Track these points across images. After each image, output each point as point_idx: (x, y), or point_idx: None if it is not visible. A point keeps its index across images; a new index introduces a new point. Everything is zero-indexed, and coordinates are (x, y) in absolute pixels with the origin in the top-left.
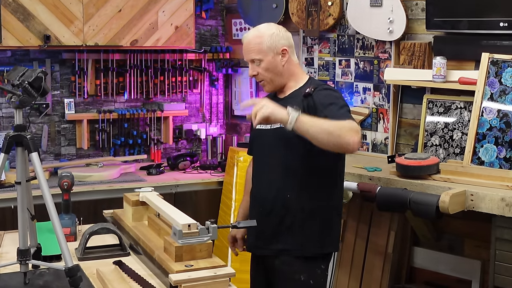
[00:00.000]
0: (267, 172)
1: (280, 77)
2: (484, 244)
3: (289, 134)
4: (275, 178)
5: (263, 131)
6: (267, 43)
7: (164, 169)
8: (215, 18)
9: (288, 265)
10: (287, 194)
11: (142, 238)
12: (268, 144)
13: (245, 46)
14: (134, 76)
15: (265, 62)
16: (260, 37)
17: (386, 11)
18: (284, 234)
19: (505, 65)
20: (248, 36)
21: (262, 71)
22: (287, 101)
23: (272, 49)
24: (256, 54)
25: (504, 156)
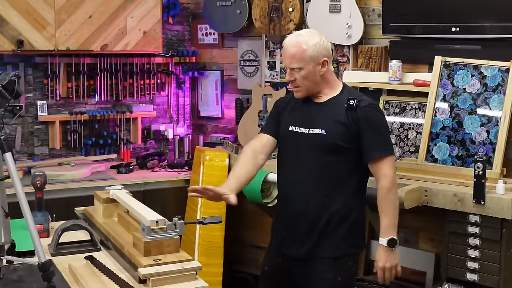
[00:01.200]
0: (303, 174)
1: (316, 85)
2: (437, 237)
3: (327, 140)
4: (311, 182)
5: (300, 134)
6: (310, 53)
7: (133, 168)
8: (182, 24)
9: (318, 265)
10: (323, 198)
11: (112, 234)
12: (305, 147)
13: (287, 52)
14: (104, 79)
15: (305, 70)
16: (304, 45)
17: (344, 17)
18: (317, 237)
19: (457, 67)
20: (291, 41)
21: (300, 78)
22: (326, 106)
23: (314, 59)
24: (297, 62)
25: (456, 154)
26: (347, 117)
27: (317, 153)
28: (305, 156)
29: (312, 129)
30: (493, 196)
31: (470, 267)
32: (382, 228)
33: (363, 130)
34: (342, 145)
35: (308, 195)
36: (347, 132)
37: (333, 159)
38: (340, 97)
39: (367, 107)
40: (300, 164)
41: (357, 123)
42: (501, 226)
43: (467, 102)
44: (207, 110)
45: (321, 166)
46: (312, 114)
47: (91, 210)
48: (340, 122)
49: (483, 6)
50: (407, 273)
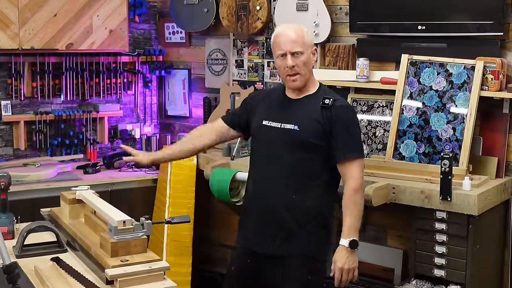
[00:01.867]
0: (273, 170)
1: (310, 74)
2: (405, 234)
3: (299, 136)
4: (281, 178)
5: (272, 128)
6: (307, 39)
7: (100, 168)
8: (148, 22)
9: (288, 263)
10: (293, 195)
11: (78, 235)
12: (276, 141)
13: (287, 37)
14: (70, 78)
15: (305, 55)
16: (302, 31)
17: (311, 15)
18: (287, 235)
19: (423, 65)
20: (288, 27)
21: (301, 64)
22: (303, 103)
23: (310, 46)
24: (299, 46)
25: (423, 151)
26: (322, 116)
27: (288, 149)
28: (276, 151)
29: (285, 124)
30: (460, 193)
31: (437, 263)
32: (345, 229)
33: (336, 130)
34: (314, 143)
35: (279, 191)
36: (320, 130)
37: (304, 156)
38: (317, 95)
39: (343, 107)
40: (271, 160)
41: (331, 122)
42: (468, 222)
43: (434, 100)
44: (174, 109)
45: (292, 162)
46: (287, 109)
47: (57, 211)
48: (315, 120)
49: (449, 4)
50: (376, 270)
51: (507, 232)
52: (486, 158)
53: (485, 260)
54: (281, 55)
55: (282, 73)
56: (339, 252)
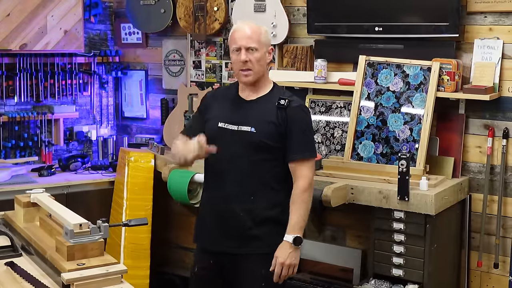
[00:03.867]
0: (231, 172)
1: (262, 73)
2: (364, 234)
3: (255, 138)
4: (239, 179)
5: (229, 131)
6: (264, 37)
7: (56, 170)
8: (104, 23)
9: (249, 262)
10: (251, 196)
11: (33, 239)
12: (233, 143)
13: (243, 33)
14: (24, 79)
15: (260, 53)
16: (259, 29)
17: (269, 16)
18: (246, 235)
19: (380, 66)
20: (246, 24)
21: (255, 60)
22: (258, 104)
23: (266, 45)
24: (254, 42)
25: (381, 151)
26: (277, 116)
27: (245, 151)
28: (233, 153)
29: (241, 126)
30: (417, 193)
31: (395, 262)
32: (290, 225)
33: (290, 130)
34: (269, 144)
35: (236, 192)
36: (275, 131)
37: (261, 157)
38: (271, 95)
39: (298, 108)
40: (229, 162)
41: (286, 123)
42: (425, 221)
43: (391, 101)
44: (131, 110)
45: (249, 164)
46: (242, 111)
47: (11, 214)
48: (270, 121)
49: (406, 6)
50: (335, 270)
51: (463, 233)
52: (442, 158)
53: (443, 259)
54: (236, 49)
55: (236, 68)
56: (282, 247)
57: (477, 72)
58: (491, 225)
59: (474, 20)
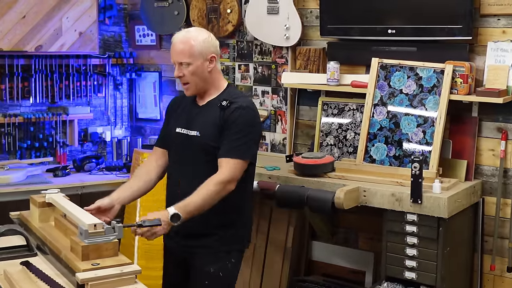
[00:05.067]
0: (182, 173)
1: (204, 82)
2: (376, 236)
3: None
4: (189, 181)
5: (182, 135)
6: (198, 48)
7: (70, 171)
8: (119, 25)
9: (199, 259)
10: None
11: (49, 239)
12: (184, 147)
13: (176, 47)
14: (39, 80)
15: (194, 66)
16: (193, 41)
17: (282, 19)
18: (197, 232)
19: (393, 69)
20: (179, 37)
21: (189, 74)
22: (205, 109)
23: (203, 55)
24: (186, 57)
25: (393, 154)
26: (219, 118)
27: (194, 154)
28: (184, 156)
29: (190, 131)
30: (430, 196)
31: (408, 265)
32: (182, 202)
33: (225, 129)
34: (214, 146)
35: (186, 194)
36: (217, 133)
37: (207, 159)
38: (218, 98)
39: (237, 109)
40: (181, 164)
41: (223, 122)
42: (438, 224)
43: (404, 103)
44: (145, 112)
45: (197, 167)
46: (192, 116)
47: (26, 214)
48: (213, 124)
49: (419, 8)
50: (347, 272)
51: (476, 236)
52: (455, 161)
53: (455, 262)
54: (174, 63)
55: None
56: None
57: (490, 75)
58: (504, 228)
59: (488, 22)
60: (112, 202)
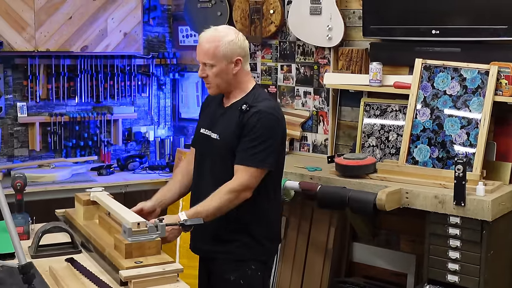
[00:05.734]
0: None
1: (227, 84)
2: (418, 239)
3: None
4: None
5: (206, 137)
6: (223, 50)
7: (114, 169)
8: (162, 25)
9: (219, 266)
10: None
11: (93, 236)
12: (207, 149)
13: (201, 47)
14: (85, 80)
15: (217, 68)
16: (218, 42)
17: (325, 19)
18: (220, 240)
19: (437, 70)
20: (206, 36)
21: (212, 75)
22: (228, 111)
23: (227, 58)
24: (210, 58)
25: (436, 156)
26: (238, 122)
27: (215, 157)
28: (207, 159)
29: (211, 132)
30: (474, 198)
31: (450, 268)
32: (194, 208)
33: (243, 134)
34: (232, 151)
35: (204, 196)
36: (235, 138)
37: (228, 163)
38: (241, 101)
39: (256, 113)
40: (204, 166)
41: (241, 127)
42: (481, 227)
43: (447, 104)
44: (188, 111)
45: (218, 170)
46: (216, 117)
47: (71, 212)
48: (232, 128)
49: (463, 8)
50: (389, 275)
51: None
52: (500, 163)
53: (499, 266)
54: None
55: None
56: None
57: None
58: None
59: None
60: (154, 206)
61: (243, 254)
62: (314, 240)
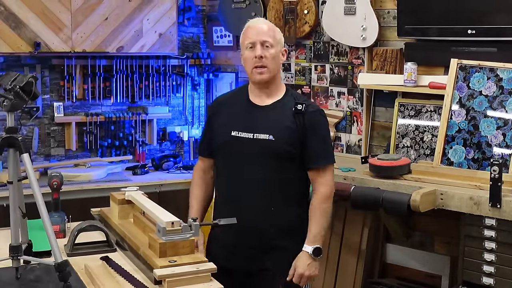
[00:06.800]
0: (248, 182)
1: (277, 72)
2: (453, 240)
3: (274, 145)
4: (258, 190)
5: (244, 139)
6: (279, 36)
7: (149, 169)
8: (197, 26)
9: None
10: (271, 207)
11: (128, 235)
12: (249, 152)
13: (259, 28)
14: (120, 80)
15: (274, 50)
16: (274, 27)
17: (359, 19)
18: (266, 249)
19: (473, 70)
20: (260, 20)
21: (270, 57)
22: (273, 110)
23: (280, 44)
24: (270, 38)
25: (472, 157)
26: (295, 122)
27: (263, 159)
28: (249, 163)
29: (258, 134)
30: (510, 200)
31: (486, 271)
32: (310, 235)
33: (309, 136)
34: (290, 151)
35: (256, 203)
36: (295, 137)
37: (280, 165)
38: (285, 100)
39: (315, 113)
40: (245, 172)
41: (304, 128)
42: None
43: (483, 105)
44: None
45: (268, 173)
46: (257, 118)
47: (106, 211)
48: (288, 127)
49: (500, 8)
50: (422, 276)
51: None
52: None
53: None
54: (250, 45)
55: (249, 66)
56: (301, 258)
57: None
58: None
59: None
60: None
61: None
62: (347, 241)
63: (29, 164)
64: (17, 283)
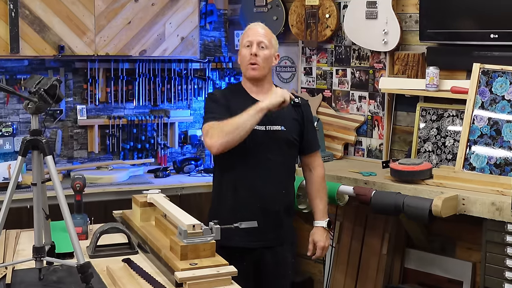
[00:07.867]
0: (263, 171)
1: (268, 72)
2: (475, 246)
3: (286, 136)
4: (272, 177)
5: (257, 132)
6: (274, 41)
7: (170, 172)
8: (219, 30)
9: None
10: (283, 190)
11: (149, 238)
12: (263, 143)
13: (257, 31)
14: (142, 84)
15: (269, 51)
16: (272, 34)
17: (381, 23)
18: (280, 226)
19: (495, 75)
20: (260, 24)
21: (263, 56)
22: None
23: (275, 48)
24: (267, 40)
25: (494, 162)
26: (297, 114)
27: (277, 149)
28: (264, 153)
29: (270, 126)
30: None
31: (508, 277)
32: (320, 211)
33: (306, 125)
34: (297, 139)
35: (272, 189)
36: (299, 127)
37: (289, 153)
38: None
39: (307, 104)
40: (261, 161)
41: (303, 119)
42: None
43: (506, 110)
44: None
45: (280, 161)
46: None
47: (128, 213)
48: (294, 119)
49: None
50: (444, 282)
51: None
52: None
53: None
54: (247, 44)
55: (245, 62)
56: (317, 232)
57: None
58: None
59: None
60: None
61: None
62: (368, 245)
63: (52, 166)
64: (40, 284)
